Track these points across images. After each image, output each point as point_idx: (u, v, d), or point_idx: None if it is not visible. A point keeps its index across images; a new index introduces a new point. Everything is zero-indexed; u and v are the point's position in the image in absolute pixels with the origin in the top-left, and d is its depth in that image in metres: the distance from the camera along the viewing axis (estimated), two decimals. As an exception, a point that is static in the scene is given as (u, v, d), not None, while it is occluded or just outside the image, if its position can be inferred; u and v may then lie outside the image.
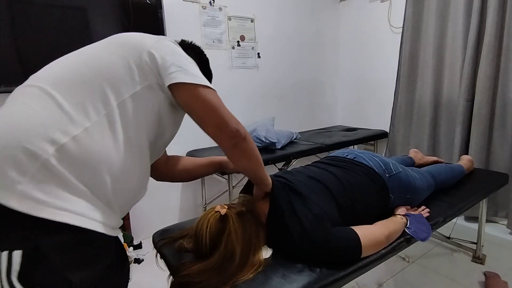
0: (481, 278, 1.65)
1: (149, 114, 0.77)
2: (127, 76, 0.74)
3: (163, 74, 0.76)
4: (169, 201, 2.36)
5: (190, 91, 0.78)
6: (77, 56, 0.78)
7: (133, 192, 0.78)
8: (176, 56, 0.79)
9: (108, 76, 0.72)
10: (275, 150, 2.26)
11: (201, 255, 0.90)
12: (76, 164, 0.64)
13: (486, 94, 2.08)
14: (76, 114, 0.67)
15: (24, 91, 0.71)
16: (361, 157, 1.29)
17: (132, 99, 0.73)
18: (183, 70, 0.78)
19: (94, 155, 0.66)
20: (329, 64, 3.20)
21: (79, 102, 0.68)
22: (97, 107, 0.69)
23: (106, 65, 0.74)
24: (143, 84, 0.75)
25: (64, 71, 0.74)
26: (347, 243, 0.94)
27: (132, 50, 0.76)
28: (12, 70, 1.60)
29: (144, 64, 0.75)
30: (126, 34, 0.83)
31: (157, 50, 0.77)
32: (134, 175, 0.75)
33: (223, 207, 0.92)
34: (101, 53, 0.77)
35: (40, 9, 1.63)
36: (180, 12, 2.19)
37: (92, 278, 0.65)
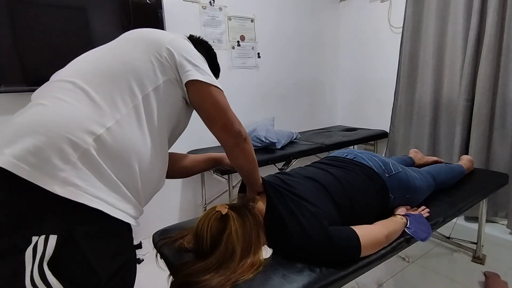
0: (481, 278, 1.65)
1: (169, 106, 0.82)
2: (150, 70, 0.78)
3: (180, 71, 0.81)
4: (169, 201, 2.36)
5: (204, 89, 0.83)
6: (101, 52, 0.82)
7: (155, 182, 0.83)
8: (191, 54, 0.84)
9: (133, 71, 0.76)
10: (275, 150, 2.26)
11: (202, 255, 0.90)
12: (111, 154, 0.69)
13: (486, 94, 2.08)
14: (107, 107, 0.71)
15: (56, 86, 0.74)
16: (361, 157, 1.29)
17: (155, 92, 0.78)
18: (198, 68, 0.83)
19: (125, 145, 0.71)
20: (329, 64, 3.20)
21: (109, 96, 0.72)
22: (125, 100, 0.73)
23: (131, 60, 0.77)
24: (164, 78, 0.80)
25: (91, 66, 0.77)
26: (347, 243, 0.94)
27: (152, 45, 0.80)
28: (12, 70, 1.60)
29: (163, 59, 0.80)
30: (145, 30, 0.86)
31: (174, 47, 0.81)
32: (157, 165, 0.80)
33: (223, 207, 0.92)
34: (123, 48, 0.81)
35: (40, 9, 1.63)
36: (180, 12, 2.19)
37: (116, 268, 0.68)
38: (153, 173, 0.79)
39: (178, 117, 0.88)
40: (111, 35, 1.82)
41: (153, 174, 0.80)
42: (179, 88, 0.83)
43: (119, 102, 0.73)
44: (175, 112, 0.85)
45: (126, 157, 0.71)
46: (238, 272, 0.85)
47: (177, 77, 0.82)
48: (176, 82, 0.82)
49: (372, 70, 2.97)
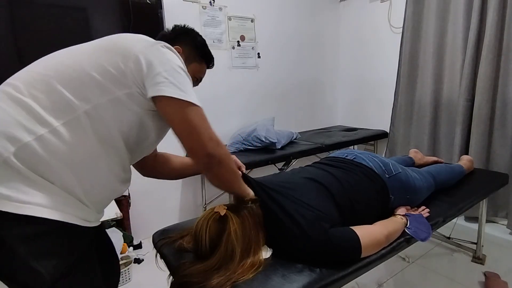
0: (481, 278, 1.64)
1: (125, 119, 0.75)
2: (107, 81, 0.72)
3: (147, 83, 0.74)
4: (169, 201, 2.36)
5: (171, 106, 0.75)
6: (60, 56, 0.77)
7: (107, 189, 0.78)
8: (166, 65, 0.75)
9: (88, 80, 0.71)
10: (275, 150, 2.26)
11: (201, 255, 0.90)
12: (40, 162, 0.65)
13: (486, 94, 2.08)
14: (45, 115, 0.67)
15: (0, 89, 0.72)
16: (361, 157, 1.29)
17: (109, 104, 0.72)
18: (169, 81, 0.74)
19: (58, 155, 0.67)
20: (329, 64, 3.20)
21: (52, 103, 0.68)
22: (69, 110, 0.69)
23: (89, 68, 0.72)
24: (124, 91, 0.73)
25: (44, 70, 0.73)
26: (347, 243, 0.94)
27: (117, 55, 0.74)
28: (12, 70, 1.60)
29: (127, 70, 0.73)
30: (120, 37, 0.81)
31: (145, 56, 0.74)
32: (103, 174, 0.75)
33: (222, 208, 0.92)
34: (88, 54, 0.75)
35: (40, 9, 1.63)
36: (180, 12, 2.19)
37: (63, 267, 0.66)
38: (99, 181, 0.74)
39: (144, 129, 0.81)
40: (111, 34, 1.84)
41: (100, 181, 0.75)
42: (145, 100, 0.76)
43: (62, 110, 0.68)
44: (137, 124, 0.78)
45: (58, 165, 0.67)
46: (238, 272, 0.85)
47: (142, 91, 0.75)
48: (139, 96, 0.75)
49: (372, 70, 2.97)
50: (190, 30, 1.04)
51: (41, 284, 0.64)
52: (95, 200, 0.74)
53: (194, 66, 1.01)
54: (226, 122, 2.53)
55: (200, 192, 2.47)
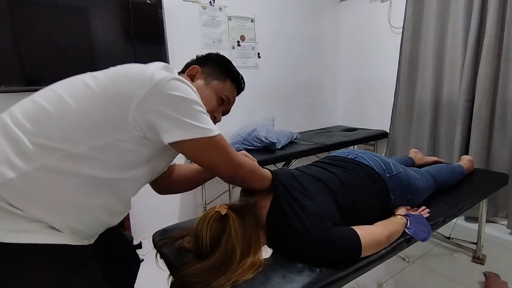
0: (481, 278, 1.64)
1: (127, 160, 0.74)
2: (103, 126, 0.70)
3: (159, 131, 0.72)
4: (169, 201, 2.36)
5: (188, 147, 0.75)
6: (64, 91, 0.73)
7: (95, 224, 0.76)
8: (174, 106, 0.72)
9: (83, 122, 0.69)
10: (275, 150, 2.26)
11: (201, 255, 0.90)
12: (22, 198, 0.64)
13: (486, 94, 2.08)
14: (33, 151, 0.65)
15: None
16: (362, 157, 1.29)
17: (103, 147, 0.70)
18: (181, 123, 0.72)
19: (40, 194, 0.66)
20: (329, 64, 3.20)
21: (43, 139, 0.67)
22: (59, 148, 0.67)
23: (84, 111, 0.69)
24: (123, 135, 0.71)
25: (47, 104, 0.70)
26: (347, 243, 0.94)
27: (117, 100, 0.70)
28: (12, 70, 1.60)
29: (130, 119, 0.70)
30: (120, 75, 0.74)
31: (149, 105, 0.70)
32: (92, 213, 0.73)
33: (223, 207, 0.92)
34: (87, 94, 0.71)
35: (40, 9, 1.63)
36: (180, 12, 2.19)
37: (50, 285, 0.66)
38: (90, 221, 0.73)
39: (150, 165, 0.81)
40: (111, 35, 1.84)
41: (91, 221, 0.74)
42: (147, 143, 0.74)
43: (52, 149, 0.66)
44: (142, 163, 0.77)
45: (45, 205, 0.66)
46: (238, 272, 0.85)
47: (146, 135, 0.73)
48: (142, 139, 0.73)
49: (372, 70, 2.97)
50: (212, 53, 1.04)
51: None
52: (78, 231, 0.72)
53: (216, 84, 0.96)
54: (226, 122, 2.50)
55: (200, 192, 2.48)
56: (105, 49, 1.84)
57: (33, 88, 1.65)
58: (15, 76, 1.61)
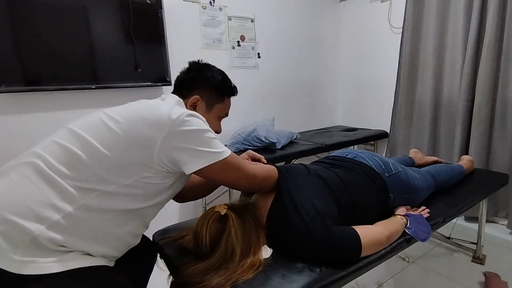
0: (481, 278, 1.64)
1: (152, 192, 0.83)
2: (132, 164, 0.77)
3: (180, 164, 0.81)
4: (169, 201, 2.35)
5: (208, 172, 0.84)
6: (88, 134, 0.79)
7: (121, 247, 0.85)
8: (192, 140, 0.80)
9: (111, 165, 0.76)
10: (275, 150, 2.26)
11: (201, 255, 0.90)
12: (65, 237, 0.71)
13: (486, 94, 2.08)
14: (72, 192, 0.72)
15: (27, 160, 0.76)
16: (361, 156, 1.29)
17: (131, 184, 0.78)
18: (199, 153, 0.81)
19: (81, 231, 0.74)
20: (329, 64, 3.20)
21: (78, 181, 0.74)
22: (92, 188, 0.74)
23: (112, 155, 0.76)
24: (149, 172, 0.79)
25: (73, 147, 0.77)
26: (347, 242, 0.94)
27: (141, 143, 0.78)
28: (12, 70, 1.60)
29: (155, 158, 0.78)
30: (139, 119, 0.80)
31: (170, 144, 0.78)
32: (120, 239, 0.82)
33: (223, 207, 0.92)
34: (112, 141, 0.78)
35: (40, 9, 1.63)
36: (180, 12, 2.19)
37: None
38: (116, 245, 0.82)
39: (172, 190, 0.91)
40: (111, 35, 1.84)
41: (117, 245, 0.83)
42: (170, 175, 0.84)
43: (87, 190, 0.74)
44: (165, 191, 0.87)
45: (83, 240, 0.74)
46: (238, 272, 0.85)
47: (169, 169, 0.81)
48: (166, 173, 0.82)
49: (372, 70, 2.97)
50: (204, 69, 1.03)
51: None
52: (110, 256, 0.82)
53: (217, 108, 1.04)
54: (226, 122, 2.49)
55: (200, 192, 2.47)
56: (105, 49, 1.84)
57: (33, 88, 1.68)
58: (15, 76, 1.61)
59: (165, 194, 0.88)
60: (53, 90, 1.70)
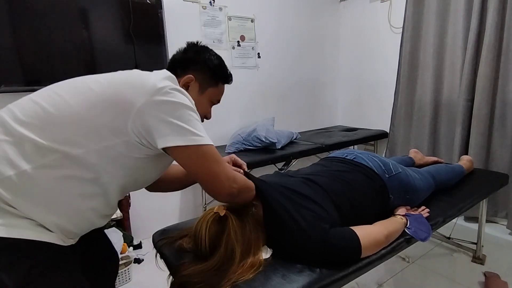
0: (481, 279, 1.65)
1: (122, 164, 0.76)
2: (102, 129, 0.72)
3: (155, 135, 0.74)
4: (169, 201, 2.36)
5: (185, 154, 0.77)
6: (65, 93, 0.76)
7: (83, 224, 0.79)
8: (173, 113, 0.75)
9: (84, 125, 0.72)
10: (275, 150, 2.26)
11: (201, 256, 0.90)
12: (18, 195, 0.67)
13: (486, 94, 2.08)
14: (33, 151, 0.68)
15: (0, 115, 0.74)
16: (361, 157, 1.29)
17: (101, 151, 0.72)
18: (179, 129, 0.74)
19: (35, 192, 0.68)
20: (329, 64, 3.20)
21: (45, 140, 0.69)
22: (56, 150, 0.69)
23: (86, 114, 0.72)
24: (119, 139, 0.73)
25: (46, 105, 0.73)
26: (347, 243, 0.94)
27: (120, 105, 0.73)
28: (12, 70, 1.60)
29: (130, 123, 0.73)
30: (123, 82, 0.77)
31: (149, 111, 0.73)
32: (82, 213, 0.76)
33: (222, 208, 0.92)
34: (86, 101, 0.74)
35: (40, 9, 1.63)
36: (180, 12, 2.19)
37: (27, 277, 0.67)
38: (78, 220, 0.76)
39: (142, 173, 0.84)
40: (111, 35, 1.84)
41: (80, 221, 0.76)
42: (143, 149, 0.77)
43: (51, 150, 0.69)
44: (133, 170, 0.80)
45: (37, 203, 0.69)
46: (238, 272, 0.85)
47: (142, 140, 0.75)
48: (138, 144, 0.75)
49: (372, 70, 2.97)
50: (202, 51, 0.99)
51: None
52: (67, 231, 0.75)
53: (210, 91, 0.99)
54: (226, 122, 2.53)
55: (200, 192, 2.47)
56: (105, 49, 1.84)
57: (33, 88, 1.66)
58: (15, 76, 1.61)
59: (131, 174, 0.81)
60: (53, 90, 1.70)
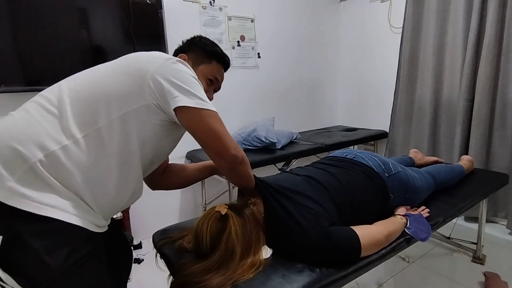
0: (481, 279, 1.65)
1: (143, 130, 0.81)
2: (122, 97, 0.78)
3: (168, 97, 0.79)
4: (169, 201, 2.36)
5: (193, 115, 0.81)
6: (86, 75, 0.84)
7: (115, 201, 0.82)
8: (181, 78, 0.81)
9: (106, 96, 0.77)
10: (275, 150, 2.26)
11: (201, 255, 0.90)
12: (61, 170, 0.71)
13: (486, 94, 2.08)
14: (71, 126, 0.74)
15: (33, 100, 0.80)
16: (361, 156, 1.29)
17: (123, 117, 0.77)
18: (188, 92, 0.80)
19: (77, 165, 0.72)
20: (329, 64, 3.20)
21: (77, 116, 0.75)
22: (90, 123, 0.75)
23: (108, 85, 0.79)
24: (139, 104, 0.79)
25: (73, 86, 0.80)
26: (347, 243, 0.94)
27: (134, 75, 0.80)
28: (12, 70, 1.60)
29: (145, 86, 0.79)
30: (135, 57, 0.85)
31: (162, 74, 0.79)
32: (114, 188, 0.79)
33: (223, 207, 0.92)
34: (105, 76, 0.81)
35: (40, 9, 1.63)
36: (180, 12, 2.19)
37: (71, 263, 0.70)
38: (111, 197, 0.80)
39: (160, 141, 0.87)
40: (111, 35, 1.84)
41: (112, 198, 0.80)
42: (163, 114, 0.82)
43: (85, 123, 0.75)
44: (154, 137, 0.84)
45: (76, 175, 0.72)
46: (238, 272, 0.85)
47: (160, 103, 0.80)
48: (158, 108, 0.81)
49: (372, 70, 2.97)
50: (196, 36, 1.09)
51: (48, 277, 0.67)
52: (103, 209, 0.78)
53: (202, 67, 1.03)
54: (226, 122, 2.47)
55: (200, 192, 2.48)
56: (105, 49, 1.84)
57: (33, 88, 1.67)
58: (15, 76, 1.62)
59: (152, 141, 0.84)
60: (53, 90, 1.70)
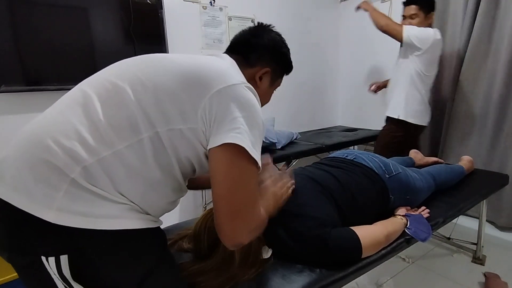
0: (481, 279, 1.64)
1: (184, 151, 0.71)
2: (173, 112, 0.68)
3: (222, 126, 0.68)
4: (169, 201, 2.35)
5: (234, 159, 0.67)
6: (138, 69, 0.74)
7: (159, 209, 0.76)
8: (247, 111, 0.70)
9: (154, 105, 0.68)
10: (275, 150, 2.26)
11: (201, 256, 0.90)
12: (102, 180, 0.64)
13: (482, 95, 2.08)
14: (111, 134, 0.65)
15: (71, 95, 0.72)
16: (361, 157, 1.29)
17: (168, 133, 0.68)
18: (245, 131, 0.68)
19: (117, 178, 0.65)
20: (330, 64, 3.20)
21: (120, 121, 0.66)
22: (133, 131, 0.66)
23: (158, 93, 0.69)
24: (187, 126, 0.69)
25: (119, 81, 0.70)
26: (347, 244, 0.94)
27: (194, 90, 0.69)
28: (12, 70, 1.60)
29: (200, 107, 0.68)
30: (203, 69, 0.73)
31: (224, 97, 0.69)
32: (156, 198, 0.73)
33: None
34: (161, 78, 0.71)
35: (40, 8, 1.63)
36: (180, 12, 2.19)
37: (142, 275, 0.67)
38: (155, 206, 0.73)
39: (201, 166, 0.77)
40: (111, 35, 1.84)
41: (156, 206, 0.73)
42: (205, 141, 0.71)
43: (128, 131, 0.66)
44: (194, 160, 0.74)
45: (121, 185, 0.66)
46: (238, 272, 0.85)
47: (208, 130, 0.69)
48: (202, 134, 0.70)
49: (373, 70, 2.97)
50: (282, 43, 0.99)
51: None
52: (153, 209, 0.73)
53: (278, 82, 1.01)
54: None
55: (200, 192, 2.47)
56: (105, 49, 1.84)
57: (33, 88, 1.67)
58: (15, 76, 1.61)
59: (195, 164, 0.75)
60: (53, 90, 1.70)
